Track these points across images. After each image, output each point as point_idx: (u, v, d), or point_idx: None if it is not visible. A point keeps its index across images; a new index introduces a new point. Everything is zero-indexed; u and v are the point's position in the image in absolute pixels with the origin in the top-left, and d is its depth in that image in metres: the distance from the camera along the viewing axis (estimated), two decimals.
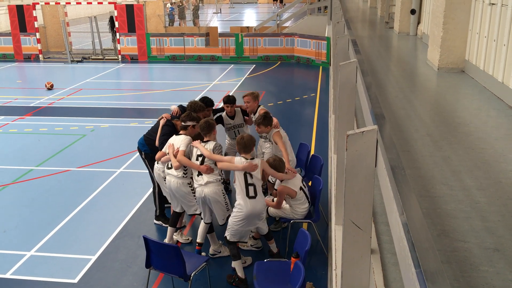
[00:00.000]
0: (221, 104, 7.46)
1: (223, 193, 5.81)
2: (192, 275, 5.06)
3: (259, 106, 7.18)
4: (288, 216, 6.18)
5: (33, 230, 6.95)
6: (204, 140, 5.84)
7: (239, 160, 5.52)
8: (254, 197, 5.44)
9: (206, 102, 7.02)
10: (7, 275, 5.88)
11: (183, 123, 6.09)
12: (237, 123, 7.35)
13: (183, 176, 5.95)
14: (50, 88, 15.70)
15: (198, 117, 6.22)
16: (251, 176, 5.47)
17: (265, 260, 5.67)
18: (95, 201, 7.83)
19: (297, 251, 5.07)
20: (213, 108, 7.32)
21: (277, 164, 5.88)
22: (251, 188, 5.44)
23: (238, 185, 5.47)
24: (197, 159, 5.78)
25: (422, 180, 3.82)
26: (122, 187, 8.37)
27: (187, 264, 5.00)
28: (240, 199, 5.46)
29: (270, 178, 7.05)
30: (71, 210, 7.52)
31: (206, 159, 5.72)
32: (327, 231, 6.70)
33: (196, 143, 5.83)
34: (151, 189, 7.34)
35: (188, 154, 5.87)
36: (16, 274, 5.91)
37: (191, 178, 5.98)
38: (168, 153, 6.01)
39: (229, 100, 7.20)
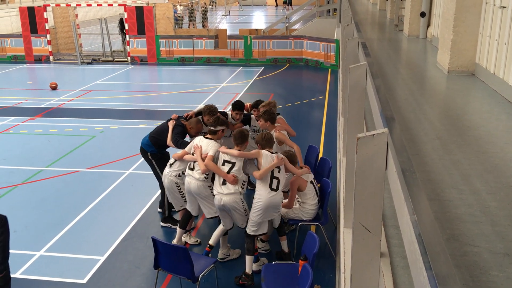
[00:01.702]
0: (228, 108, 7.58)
1: (242, 201, 5.82)
2: (200, 277, 5.07)
3: (278, 114, 7.22)
4: (296, 217, 6.18)
5: (43, 230, 7.00)
6: (236, 149, 5.88)
7: (266, 154, 5.68)
8: (275, 190, 5.61)
9: (236, 105, 7.23)
10: (17, 275, 5.92)
11: (212, 128, 6.11)
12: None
13: (205, 179, 5.96)
14: (54, 88, 15.83)
15: (226, 121, 6.30)
16: (279, 170, 5.66)
17: (273, 263, 5.68)
18: (104, 202, 7.88)
19: (305, 253, 5.06)
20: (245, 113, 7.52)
21: (290, 155, 6.07)
22: (275, 181, 5.63)
23: (264, 176, 5.61)
24: (223, 164, 5.80)
25: (431, 183, 3.80)
26: (131, 188, 8.41)
27: (195, 265, 5.01)
28: (260, 189, 5.61)
29: None
30: (81, 210, 7.57)
31: (233, 169, 5.74)
32: (335, 234, 6.69)
33: (223, 148, 5.87)
34: (159, 191, 7.34)
35: (214, 160, 5.90)
36: (25, 274, 5.96)
37: (212, 181, 6.02)
38: (193, 154, 6.02)
39: (257, 104, 7.40)
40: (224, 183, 5.72)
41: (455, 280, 1.43)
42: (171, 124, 6.67)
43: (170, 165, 6.38)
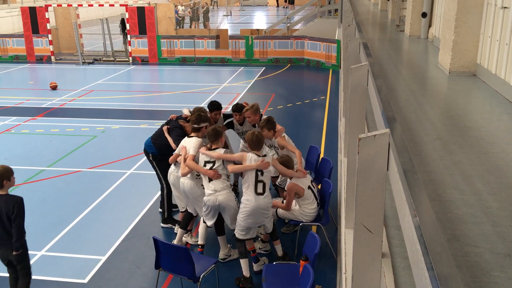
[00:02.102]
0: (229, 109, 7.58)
1: (235, 198, 5.84)
2: (201, 277, 5.07)
3: (262, 116, 7.19)
4: (297, 218, 6.17)
5: (44, 230, 7.01)
6: (212, 148, 5.84)
7: (251, 157, 5.54)
8: (262, 194, 5.53)
9: (214, 105, 7.13)
10: None
11: (195, 125, 6.12)
12: (246, 129, 7.39)
13: (197, 178, 5.97)
14: (54, 88, 15.84)
15: (208, 117, 6.34)
16: (262, 173, 5.54)
17: (274, 263, 5.67)
18: (106, 202, 7.88)
19: (306, 254, 5.06)
20: (224, 113, 7.51)
21: (284, 161, 5.98)
22: (260, 185, 5.52)
23: (248, 180, 5.52)
24: (204, 165, 5.79)
25: (432, 184, 3.79)
26: (132, 188, 8.42)
27: (196, 265, 5.02)
28: (247, 194, 5.53)
29: (278, 182, 7.09)
30: (82, 210, 7.57)
31: (215, 166, 5.73)
32: (336, 234, 6.69)
33: (203, 150, 5.85)
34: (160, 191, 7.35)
35: (196, 160, 5.89)
36: None
37: None
38: (181, 155, 6.05)
39: (237, 108, 7.28)
40: (210, 180, 5.71)
41: (456, 280, 1.44)
42: (165, 130, 6.71)
43: (175, 163, 6.42)
